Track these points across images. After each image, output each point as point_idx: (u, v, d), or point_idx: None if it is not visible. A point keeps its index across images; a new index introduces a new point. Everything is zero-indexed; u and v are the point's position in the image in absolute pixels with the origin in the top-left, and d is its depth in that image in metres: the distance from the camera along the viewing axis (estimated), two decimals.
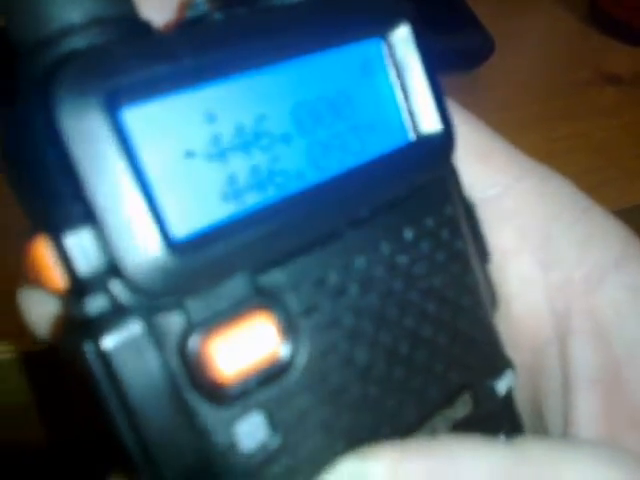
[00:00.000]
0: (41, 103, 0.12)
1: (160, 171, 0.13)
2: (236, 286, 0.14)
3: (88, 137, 0.12)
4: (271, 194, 0.14)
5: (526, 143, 0.21)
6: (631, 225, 0.22)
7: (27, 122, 0.13)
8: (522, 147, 0.21)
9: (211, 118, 0.14)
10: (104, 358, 0.12)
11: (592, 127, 0.45)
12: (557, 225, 0.20)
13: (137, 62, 0.12)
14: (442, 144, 0.17)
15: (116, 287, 0.13)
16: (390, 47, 0.17)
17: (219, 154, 0.14)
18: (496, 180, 0.20)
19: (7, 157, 0.13)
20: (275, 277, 0.14)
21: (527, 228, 0.20)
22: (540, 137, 0.43)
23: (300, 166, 0.15)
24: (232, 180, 0.14)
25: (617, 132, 0.45)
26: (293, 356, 0.14)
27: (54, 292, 0.13)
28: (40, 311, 0.15)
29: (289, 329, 0.14)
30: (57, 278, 0.13)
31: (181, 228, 0.13)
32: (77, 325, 0.13)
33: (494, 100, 0.46)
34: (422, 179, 0.17)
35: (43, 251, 0.13)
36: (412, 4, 0.17)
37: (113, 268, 0.12)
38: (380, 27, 0.17)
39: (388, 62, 0.17)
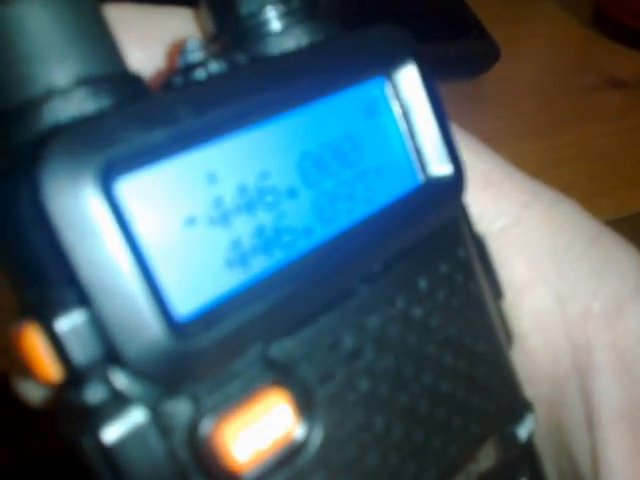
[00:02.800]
0: (26, 180, 0.11)
1: (159, 245, 0.12)
2: (247, 363, 0.12)
3: (79, 217, 0.11)
4: (279, 256, 0.13)
5: (531, 150, 0.20)
6: (633, 232, 0.21)
7: (10, 198, 0.11)
8: (526, 154, 0.20)
9: (212, 180, 0.13)
10: (106, 452, 0.11)
11: (596, 133, 0.45)
12: (570, 254, 0.20)
13: (130, 130, 0.11)
14: (453, 185, 0.16)
15: (115, 374, 0.11)
16: (395, 87, 0.16)
17: (222, 217, 0.13)
18: (504, 209, 0.20)
19: None
20: (288, 347, 0.13)
21: (539, 259, 0.20)
22: (545, 144, 0.42)
23: (308, 221, 0.14)
24: (236, 244, 0.13)
25: (621, 138, 0.45)
26: (309, 434, 0.13)
27: (46, 383, 0.12)
28: (35, 398, 0.14)
29: (304, 405, 0.13)
30: (49, 368, 0.11)
31: (185, 306, 0.12)
32: (75, 415, 0.12)
33: (499, 107, 0.45)
34: (434, 223, 0.16)
35: (32, 339, 0.11)
36: (416, 38, 0.16)
37: (112, 354, 0.11)
38: (383, 66, 0.16)
39: (393, 102, 0.16)
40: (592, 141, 0.44)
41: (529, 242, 0.20)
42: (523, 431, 0.18)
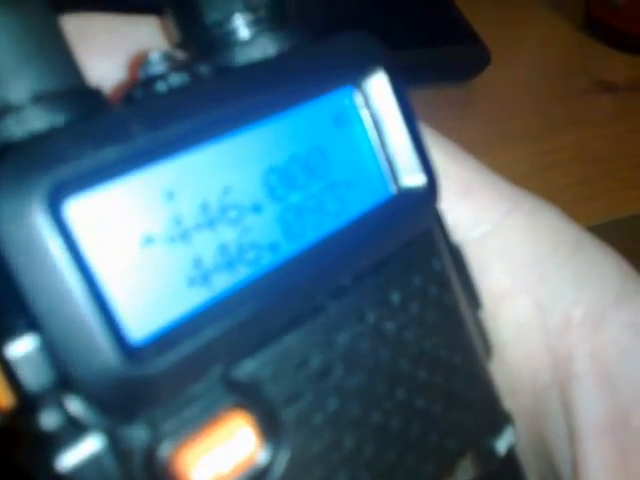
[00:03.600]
0: None
1: (113, 267, 0.11)
2: (207, 386, 0.12)
3: (26, 241, 0.10)
4: (242, 273, 0.13)
5: (523, 154, 0.20)
6: (626, 235, 0.21)
7: None
8: (519, 158, 0.20)
9: (170, 196, 0.12)
10: None
11: (589, 136, 0.45)
12: (551, 262, 0.19)
13: (81, 148, 0.11)
14: (425, 196, 0.16)
15: (70, 400, 0.11)
16: (364, 95, 0.15)
17: (182, 235, 0.12)
18: (483, 217, 0.19)
19: None
20: (251, 368, 0.13)
21: (519, 268, 0.19)
22: (537, 148, 0.42)
23: (273, 236, 0.14)
24: (198, 263, 0.13)
25: (613, 141, 0.45)
26: (273, 458, 0.13)
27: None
28: None
29: (269, 428, 0.13)
30: (1, 395, 0.11)
31: (140, 330, 0.11)
32: (28, 444, 0.11)
33: (490, 111, 0.45)
34: (406, 235, 0.16)
35: None
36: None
37: (65, 380, 0.11)
38: (352, 75, 0.15)
39: (363, 112, 0.15)
40: (585, 144, 0.45)
41: (509, 250, 0.19)
42: (502, 444, 0.17)
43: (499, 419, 0.18)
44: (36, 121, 0.12)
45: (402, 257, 0.16)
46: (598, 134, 0.45)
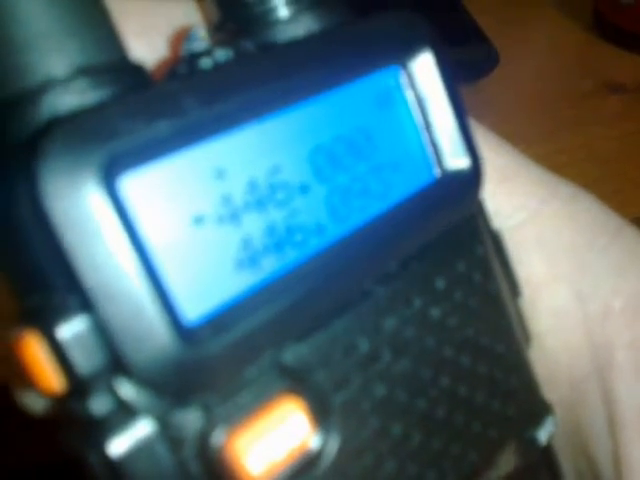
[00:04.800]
0: (23, 176, 0.10)
1: (166, 246, 0.11)
2: (260, 370, 0.12)
3: (81, 217, 0.10)
4: (291, 256, 0.13)
5: (531, 155, 0.20)
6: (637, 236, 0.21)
7: (6, 197, 0.11)
8: None
9: (221, 175, 0.12)
10: (112, 466, 0.11)
11: (597, 137, 0.45)
12: (589, 251, 0.19)
13: (133, 122, 0.10)
14: (470, 179, 0.15)
15: (121, 384, 0.11)
16: (410, 76, 0.15)
17: (231, 215, 0.12)
18: (521, 205, 0.19)
19: None
20: (302, 353, 0.12)
21: (558, 256, 0.19)
22: (544, 149, 0.42)
23: (320, 219, 0.13)
24: (247, 244, 0.12)
25: (622, 142, 0.44)
26: (325, 443, 0.12)
27: (48, 394, 0.11)
28: (37, 409, 0.13)
29: (320, 413, 0.12)
30: (51, 378, 0.11)
31: (194, 310, 0.11)
32: (79, 427, 0.11)
33: (498, 112, 0.45)
34: (451, 220, 0.15)
35: (33, 347, 0.11)
36: (433, 27, 0.15)
37: (117, 362, 0.11)
38: (398, 54, 0.15)
39: (408, 92, 0.15)
40: (593, 145, 0.44)
41: (547, 238, 0.19)
42: (543, 434, 0.17)
43: (540, 408, 0.17)
44: (81, 94, 0.11)
45: (446, 242, 0.15)
46: (606, 135, 0.45)
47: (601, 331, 0.18)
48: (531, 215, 0.19)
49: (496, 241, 0.17)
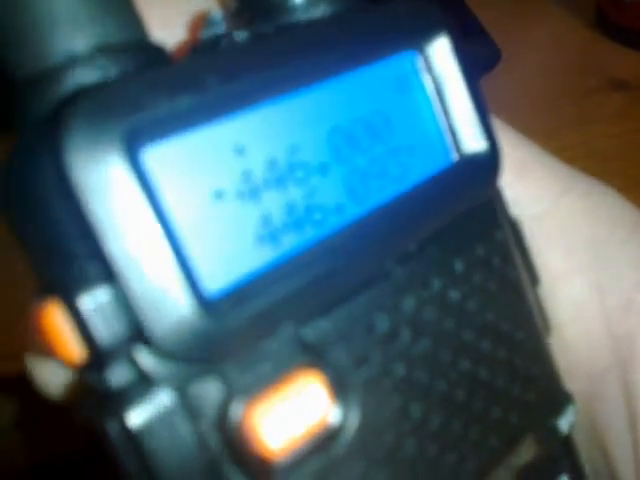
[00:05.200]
0: (47, 148, 0.10)
1: (188, 218, 0.11)
2: (279, 343, 0.12)
3: (105, 187, 0.10)
4: (310, 234, 0.13)
5: None
6: None
7: (31, 168, 0.11)
8: None
9: (241, 152, 0.12)
10: (131, 436, 0.11)
11: (599, 135, 0.44)
12: (609, 243, 0.19)
13: (156, 95, 0.11)
14: (488, 163, 0.15)
15: (141, 354, 0.11)
16: (427, 60, 0.15)
17: (251, 192, 0.12)
18: (539, 196, 0.19)
19: (10, 206, 0.11)
20: (321, 328, 0.12)
21: (576, 248, 0.19)
22: (547, 146, 0.41)
23: (339, 198, 0.13)
24: (266, 220, 0.12)
25: (624, 139, 0.44)
26: (345, 419, 0.12)
27: (68, 363, 0.11)
28: (55, 380, 0.13)
29: (340, 388, 0.12)
30: (72, 347, 0.11)
31: (215, 282, 0.11)
32: (98, 398, 0.11)
33: (501, 109, 0.44)
34: (469, 203, 0.15)
35: (54, 316, 0.11)
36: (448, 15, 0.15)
37: (137, 332, 0.11)
38: (415, 39, 0.15)
39: (425, 76, 0.15)
40: (595, 142, 0.44)
41: (566, 230, 0.19)
42: (564, 423, 0.17)
43: (561, 397, 0.17)
44: (103, 70, 0.11)
45: (465, 226, 0.15)
46: (609, 132, 0.45)
47: (622, 324, 0.18)
48: (549, 207, 0.19)
49: (515, 229, 0.17)
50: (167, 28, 0.15)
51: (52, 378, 0.13)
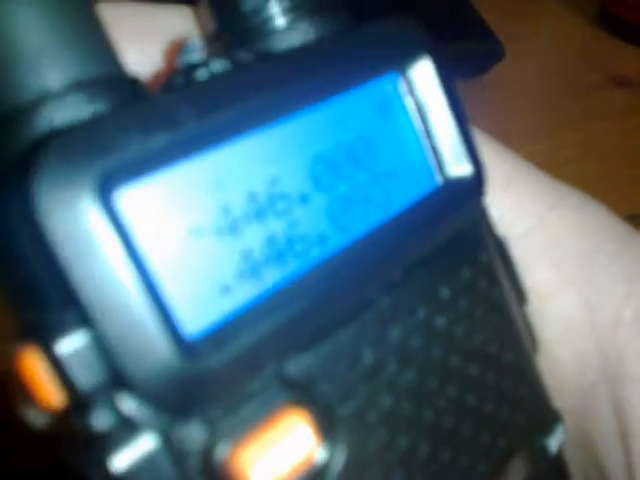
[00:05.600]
0: (17, 192, 0.10)
1: (164, 259, 0.11)
2: (263, 383, 0.12)
3: (76, 231, 0.10)
4: (292, 266, 0.13)
5: (535, 149, 0.20)
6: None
7: (2, 212, 0.11)
8: (531, 153, 0.20)
9: (219, 187, 0.12)
10: None
11: (601, 131, 0.44)
12: (598, 258, 0.19)
13: (129, 135, 0.10)
14: (473, 186, 0.15)
15: (123, 399, 0.11)
16: (409, 82, 0.15)
17: (230, 227, 0.12)
18: (527, 211, 0.19)
19: None
20: (305, 364, 0.12)
21: (565, 263, 0.19)
22: (550, 143, 0.42)
23: (321, 228, 0.13)
24: (247, 255, 0.12)
25: (626, 136, 0.44)
26: (331, 456, 0.12)
27: (47, 409, 0.11)
28: (41, 425, 0.13)
29: (326, 425, 0.12)
30: (51, 393, 0.11)
31: (194, 324, 0.11)
32: (81, 443, 0.11)
33: (503, 106, 0.44)
34: (454, 227, 0.15)
35: (33, 363, 0.11)
36: (430, 32, 0.15)
37: (118, 378, 0.10)
38: (396, 61, 0.15)
39: (407, 99, 0.15)
40: (597, 139, 0.44)
41: (554, 245, 0.19)
42: (554, 443, 0.17)
43: (550, 417, 0.17)
44: (76, 108, 0.11)
45: (450, 250, 0.15)
46: (611, 129, 0.45)
47: (611, 340, 0.18)
48: (538, 222, 0.19)
49: (501, 247, 0.17)
50: (143, 56, 0.15)
51: (37, 421, 0.13)
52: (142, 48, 0.15)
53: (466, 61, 0.46)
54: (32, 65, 0.11)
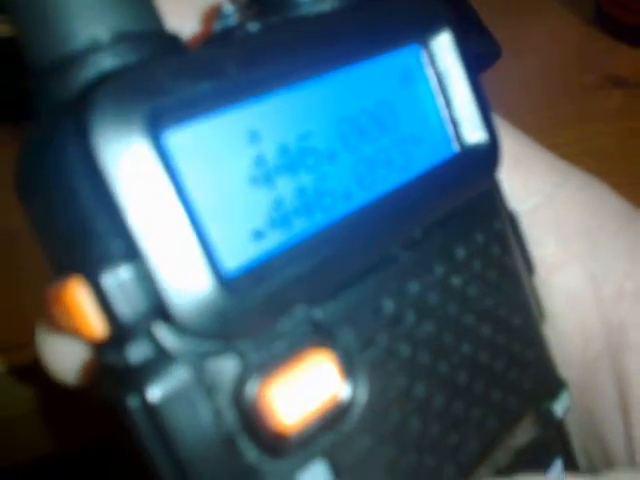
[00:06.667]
0: (73, 129, 0.11)
1: (206, 199, 0.11)
2: (292, 323, 0.12)
3: (130, 166, 0.10)
4: (320, 218, 0.13)
5: None
6: None
7: (52, 151, 0.11)
8: None
9: (255, 138, 0.12)
10: (150, 411, 0.11)
11: (598, 131, 0.45)
12: (602, 235, 0.19)
13: (178, 80, 0.11)
14: (488, 154, 0.16)
15: (161, 331, 0.11)
16: (430, 54, 0.16)
17: (264, 176, 0.13)
18: (535, 188, 0.19)
19: (25, 191, 0.12)
20: (331, 310, 0.13)
21: (571, 239, 0.19)
22: (546, 143, 0.42)
23: (347, 185, 0.14)
24: (279, 204, 0.13)
25: (623, 136, 0.45)
26: (354, 396, 0.13)
27: (87, 340, 0.11)
28: (67, 360, 0.13)
29: (349, 367, 0.13)
30: (93, 324, 0.11)
31: (232, 262, 0.12)
32: (118, 375, 0.11)
33: (500, 105, 0.45)
34: (469, 192, 0.16)
35: (76, 293, 0.11)
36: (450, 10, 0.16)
37: (157, 310, 0.11)
38: (419, 34, 0.15)
39: (429, 70, 0.16)
40: (594, 140, 0.44)
41: (561, 221, 0.19)
42: (559, 408, 0.17)
43: (556, 383, 0.18)
44: (123, 57, 0.12)
45: (466, 216, 0.16)
46: (608, 129, 0.45)
47: (614, 312, 0.19)
48: (545, 199, 0.19)
49: (512, 221, 0.18)
50: (182, 19, 0.16)
51: (66, 357, 0.13)
52: (181, 16, 0.16)
53: None
54: (84, 15, 0.12)
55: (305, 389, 0.12)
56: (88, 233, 0.11)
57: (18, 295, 0.14)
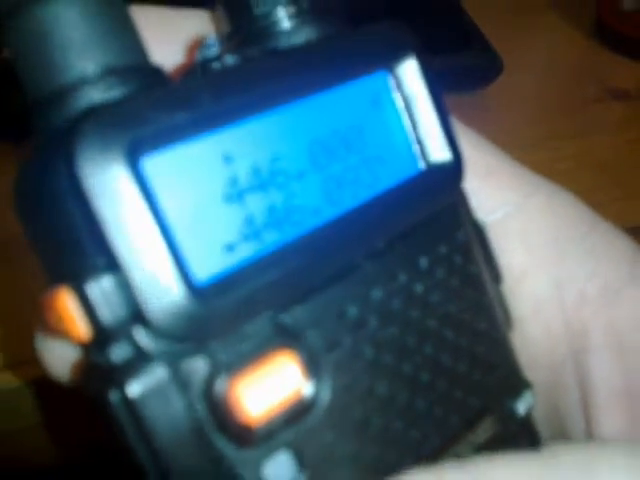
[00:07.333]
0: (63, 155, 0.12)
1: (180, 217, 0.13)
2: (259, 327, 0.14)
3: (110, 189, 0.12)
4: (289, 232, 0.15)
5: (532, 162, 0.21)
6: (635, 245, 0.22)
7: (45, 174, 0.13)
8: (528, 166, 0.21)
9: (228, 160, 0.14)
10: (130, 405, 0.12)
11: (598, 144, 0.45)
12: (568, 242, 0.20)
13: (156, 112, 0.12)
14: (452, 172, 0.17)
15: (139, 334, 0.13)
16: (397, 79, 0.17)
17: (237, 195, 0.14)
18: (505, 198, 0.20)
19: (22, 209, 0.13)
20: (297, 315, 0.14)
21: (539, 247, 0.20)
22: (547, 156, 0.43)
23: (316, 202, 0.15)
24: (250, 221, 0.14)
25: (623, 149, 0.45)
26: (317, 394, 0.14)
27: (75, 342, 0.13)
28: (61, 360, 0.15)
29: (312, 367, 0.14)
30: (79, 328, 0.13)
31: (203, 272, 0.13)
32: (101, 373, 0.13)
33: (501, 119, 0.45)
34: (434, 207, 0.17)
35: (64, 302, 0.13)
36: (416, 35, 0.17)
37: (136, 315, 0.13)
38: (386, 60, 0.17)
39: (396, 94, 0.17)
40: (594, 153, 0.45)
41: (530, 230, 0.20)
42: (522, 406, 0.19)
43: (519, 383, 0.19)
44: (110, 90, 0.13)
45: (429, 227, 0.17)
46: (609, 142, 0.46)
47: (577, 316, 0.20)
48: (515, 209, 0.20)
49: (479, 231, 0.19)
50: (167, 52, 0.17)
51: (60, 357, 0.15)
52: (165, 47, 0.17)
53: (465, 75, 0.47)
54: (75, 54, 0.13)
55: (269, 386, 0.13)
56: (75, 248, 0.13)
57: (23, 313, 0.16)
